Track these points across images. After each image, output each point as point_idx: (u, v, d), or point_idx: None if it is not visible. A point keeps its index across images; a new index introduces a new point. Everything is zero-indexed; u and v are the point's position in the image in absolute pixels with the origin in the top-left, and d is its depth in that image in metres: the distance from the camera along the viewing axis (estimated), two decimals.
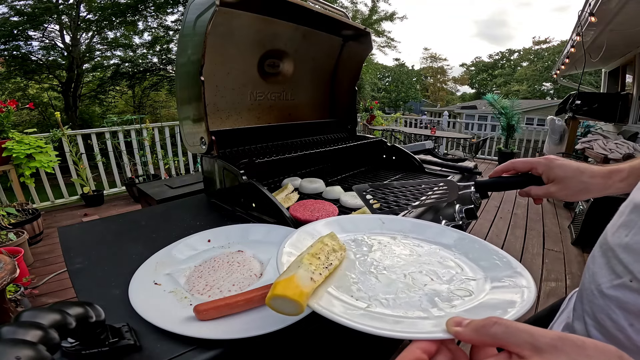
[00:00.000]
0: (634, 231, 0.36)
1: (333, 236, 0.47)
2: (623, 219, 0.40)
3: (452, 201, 0.75)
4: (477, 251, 0.49)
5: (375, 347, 0.71)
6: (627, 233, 0.38)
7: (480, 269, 0.45)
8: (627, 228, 0.38)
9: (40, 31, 8.10)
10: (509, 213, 3.66)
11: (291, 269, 0.37)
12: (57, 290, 2.09)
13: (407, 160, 1.29)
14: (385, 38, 13.22)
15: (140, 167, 4.17)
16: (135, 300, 0.47)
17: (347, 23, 1.14)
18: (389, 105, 31.96)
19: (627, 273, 0.37)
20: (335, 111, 1.45)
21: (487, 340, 0.26)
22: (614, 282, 0.39)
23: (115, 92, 11.05)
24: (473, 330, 0.27)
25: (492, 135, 6.93)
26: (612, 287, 0.39)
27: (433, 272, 0.44)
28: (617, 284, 0.38)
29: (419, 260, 0.47)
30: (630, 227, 0.37)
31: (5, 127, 2.84)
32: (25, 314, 0.29)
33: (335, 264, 0.42)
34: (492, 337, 0.26)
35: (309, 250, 0.42)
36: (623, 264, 0.37)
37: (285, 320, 0.42)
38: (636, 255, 0.36)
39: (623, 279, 0.37)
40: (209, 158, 0.95)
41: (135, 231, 0.76)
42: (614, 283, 0.39)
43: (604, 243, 0.42)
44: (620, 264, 0.38)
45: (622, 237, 0.39)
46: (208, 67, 0.90)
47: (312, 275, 0.37)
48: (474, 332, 0.27)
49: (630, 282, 0.36)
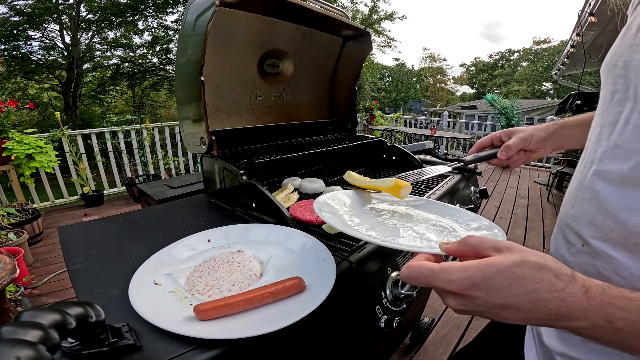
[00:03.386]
0: (577, 203, 0.45)
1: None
2: (568, 195, 0.49)
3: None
4: (465, 215, 0.61)
5: (375, 347, 0.71)
6: (572, 205, 0.46)
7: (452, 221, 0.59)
8: (571, 202, 0.47)
9: (40, 31, 8.11)
10: (509, 213, 3.66)
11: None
12: (57, 290, 2.09)
13: (407, 160, 1.29)
14: (385, 38, 13.21)
15: (140, 167, 4.18)
16: (135, 300, 0.47)
17: (347, 23, 1.14)
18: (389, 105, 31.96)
19: (578, 239, 0.44)
20: (335, 111, 1.45)
21: (467, 250, 0.36)
22: (571, 250, 0.46)
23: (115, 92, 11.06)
24: (457, 244, 0.36)
25: None
26: (571, 254, 0.46)
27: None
28: (574, 251, 0.45)
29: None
30: (574, 201, 0.46)
31: (5, 127, 2.84)
32: (25, 314, 0.29)
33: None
34: (470, 245, 0.35)
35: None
36: (575, 232, 0.45)
37: (285, 320, 0.42)
38: (582, 222, 0.43)
39: (576, 246, 0.45)
40: (209, 158, 0.95)
41: (135, 231, 0.76)
42: (571, 251, 0.46)
43: (559, 220, 0.51)
44: (572, 232, 0.45)
45: (569, 210, 0.47)
46: (208, 67, 0.90)
47: None
48: (458, 245, 0.36)
49: (582, 247, 0.44)
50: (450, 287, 0.32)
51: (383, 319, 0.60)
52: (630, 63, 0.38)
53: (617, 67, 0.41)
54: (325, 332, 0.53)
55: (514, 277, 0.30)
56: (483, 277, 0.31)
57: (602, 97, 0.45)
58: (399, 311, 0.64)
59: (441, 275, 0.32)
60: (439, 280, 0.33)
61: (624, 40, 0.41)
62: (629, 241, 0.38)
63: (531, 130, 0.71)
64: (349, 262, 0.60)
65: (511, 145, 0.72)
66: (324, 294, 0.47)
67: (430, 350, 1.66)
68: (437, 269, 0.33)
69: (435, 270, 0.33)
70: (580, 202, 0.45)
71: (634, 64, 0.38)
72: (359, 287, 0.59)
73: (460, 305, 0.33)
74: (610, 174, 0.40)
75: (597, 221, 0.41)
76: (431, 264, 0.34)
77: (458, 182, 1.11)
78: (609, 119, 0.42)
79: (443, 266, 0.33)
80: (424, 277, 0.34)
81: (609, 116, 0.42)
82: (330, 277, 0.51)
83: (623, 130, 0.39)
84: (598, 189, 0.41)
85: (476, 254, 0.35)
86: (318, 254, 0.58)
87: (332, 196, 0.64)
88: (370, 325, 0.60)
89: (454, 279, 0.32)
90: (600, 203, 0.41)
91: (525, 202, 4.02)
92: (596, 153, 0.43)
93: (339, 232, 0.69)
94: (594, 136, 0.45)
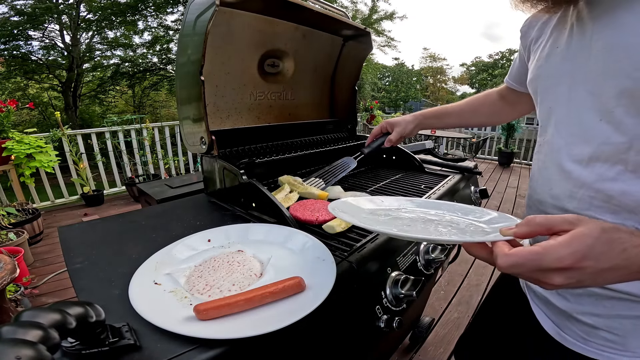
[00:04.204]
0: (556, 184, 0.54)
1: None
2: (542, 179, 0.58)
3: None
4: (462, 209, 0.60)
5: (375, 347, 0.71)
6: (551, 187, 0.55)
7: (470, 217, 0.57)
8: (549, 184, 0.56)
9: (40, 31, 8.11)
10: (509, 213, 3.65)
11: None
12: (57, 290, 2.09)
13: (407, 160, 1.29)
14: (385, 37, 13.21)
15: (140, 167, 4.18)
16: (135, 300, 0.47)
17: (347, 23, 1.14)
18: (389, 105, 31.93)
19: (564, 213, 0.50)
20: (335, 111, 1.45)
21: (537, 229, 0.36)
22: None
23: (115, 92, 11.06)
24: (525, 226, 0.37)
25: (492, 135, 6.93)
26: None
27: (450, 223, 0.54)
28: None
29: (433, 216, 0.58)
30: (552, 183, 0.55)
31: (5, 127, 2.84)
32: (25, 314, 0.29)
33: None
34: (539, 225, 0.36)
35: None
36: (559, 208, 0.54)
37: (285, 320, 0.42)
38: (565, 199, 0.52)
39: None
40: (209, 158, 0.95)
41: (135, 231, 0.76)
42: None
43: (531, 203, 0.63)
44: (556, 209, 0.54)
45: (548, 192, 0.56)
46: (208, 67, 0.90)
47: None
48: (526, 227, 0.37)
49: None
50: (562, 264, 0.33)
51: (383, 319, 0.60)
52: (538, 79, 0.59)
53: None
54: (325, 332, 0.53)
55: (609, 241, 0.33)
56: (588, 247, 0.33)
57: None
58: (399, 311, 0.64)
59: (548, 256, 0.33)
60: (548, 261, 0.33)
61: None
62: (610, 204, 0.46)
63: (404, 124, 0.96)
64: (349, 262, 0.60)
65: (392, 138, 0.97)
66: (324, 294, 0.47)
67: (430, 350, 1.66)
68: (541, 251, 0.33)
69: (540, 252, 0.33)
70: (560, 182, 0.53)
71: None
72: (359, 287, 0.59)
73: (568, 279, 0.34)
74: (578, 156, 0.49)
75: (579, 194, 0.50)
76: (530, 249, 0.34)
77: (458, 182, 1.11)
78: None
79: (544, 246, 0.34)
80: (531, 262, 0.34)
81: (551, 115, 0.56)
82: (330, 277, 0.51)
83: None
84: (571, 170, 0.50)
85: (548, 231, 0.36)
86: (318, 253, 0.58)
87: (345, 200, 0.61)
88: (370, 325, 0.60)
89: (563, 256, 0.33)
90: (577, 180, 0.50)
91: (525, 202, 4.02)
92: (560, 143, 0.53)
93: (339, 232, 0.69)
94: (553, 132, 0.55)
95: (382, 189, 1.05)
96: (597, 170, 0.47)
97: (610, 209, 0.47)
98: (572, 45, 0.51)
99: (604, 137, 0.46)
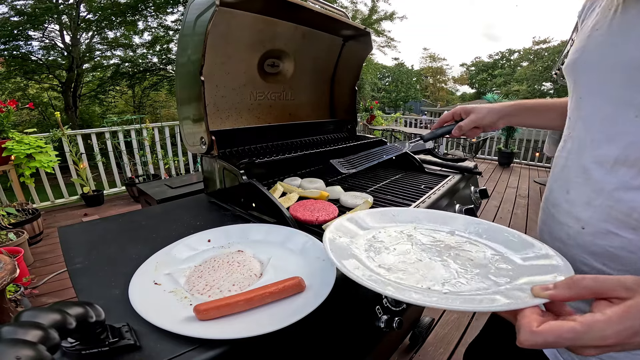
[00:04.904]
0: (573, 187, 0.49)
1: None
2: (559, 181, 0.53)
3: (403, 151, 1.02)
4: (487, 231, 0.53)
5: (375, 347, 0.71)
6: (567, 190, 0.51)
7: (500, 245, 0.48)
8: (565, 187, 0.51)
9: (40, 31, 8.11)
10: (509, 213, 3.66)
11: None
12: (57, 290, 2.09)
13: (407, 160, 1.29)
14: (385, 38, 13.21)
15: (140, 167, 4.18)
16: (135, 300, 0.47)
17: (347, 23, 1.14)
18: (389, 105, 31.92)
19: (576, 222, 0.48)
20: (335, 111, 1.45)
21: (583, 293, 0.30)
22: (570, 232, 0.49)
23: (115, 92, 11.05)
24: (566, 289, 0.31)
25: (492, 135, 6.92)
26: (570, 237, 0.49)
27: (466, 258, 0.46)
28: (573, 234, 0.49)
29: (448, 246, 0.50)
30: (570, 185, 0.50)
31: (5, 127, 2.84)
32: (25, 314, 0.29)
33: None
34: (587, 289, 0.30)
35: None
36: (572, 216, 0.49)
37: (285, 320, 0.42)
38: (581, 205, 0.47)
39: (574, 228, 0.48)
40: (209, 158, 0.95)
41: (135, 231, 0.76)
42: (570, 233, 0.49)
43: (547, 206, 0.56)
44: (569, 216, 0.50)
45: (564, 195, 0.51)
46: (208, 67, 0.90)
47: None
48: (568, 290, 0.30)
49: (582, 229, 0.47)
50: (605, 343, 0.28)
51: (383, 319, 0.60)
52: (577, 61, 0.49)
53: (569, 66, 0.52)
54: (325, 332, 0.53)
55: None
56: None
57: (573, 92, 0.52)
58: (399, 311, 0.64)
59: (590, 335, 0.28)
60: (587, 340, 0.28)
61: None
62: (631, 218, 0.40)
63: (485, 112, 0.79)
64: None
65: (463, 126, 0.82)
66: (324, 294, 0.47)
67: (430, 350, 1.66)
68: (581, 329, 0.28)
69: (580, 331, 0.28)
70: (578, 185, 0.48)
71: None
72: (359, 287, 0.59)
73: (605, 351, 0.29)
74: (603, 157, 0.44)
75: (596, 202, 0.44)
76: (567, 326, 0.28)
77: (458, 182, 1.11)
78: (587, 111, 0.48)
79: (587, 323, 0.28)
80: (566, 341, 0.29)
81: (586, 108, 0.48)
82: (330, 277, 0.51)
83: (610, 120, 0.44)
84: (593, 172, 0.45)
85: (596, 296, 0.30)
86: (318, 254, 0.58)
87: (337, 229, 0.52)
88: (370, 325, 0.60)
89: (608, 335, 0.28)
90: (596, 184, 0.44)
91: (525, 202, 4.02)
92: (586, 140, 0.47)
93: None
94: (580, 126, 0.49)
95: (382, 189, 1.05)
96: (620, 176, 0.42)
97: (631, 224, 0.40)
98: (612, 28, 0.44)
99: (636, 135, 0.40)
